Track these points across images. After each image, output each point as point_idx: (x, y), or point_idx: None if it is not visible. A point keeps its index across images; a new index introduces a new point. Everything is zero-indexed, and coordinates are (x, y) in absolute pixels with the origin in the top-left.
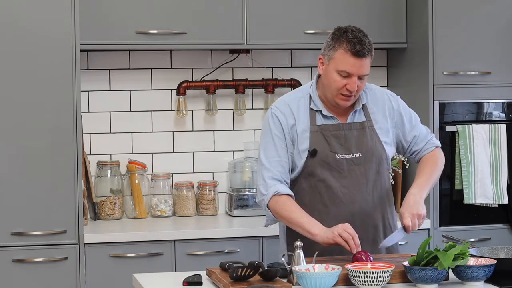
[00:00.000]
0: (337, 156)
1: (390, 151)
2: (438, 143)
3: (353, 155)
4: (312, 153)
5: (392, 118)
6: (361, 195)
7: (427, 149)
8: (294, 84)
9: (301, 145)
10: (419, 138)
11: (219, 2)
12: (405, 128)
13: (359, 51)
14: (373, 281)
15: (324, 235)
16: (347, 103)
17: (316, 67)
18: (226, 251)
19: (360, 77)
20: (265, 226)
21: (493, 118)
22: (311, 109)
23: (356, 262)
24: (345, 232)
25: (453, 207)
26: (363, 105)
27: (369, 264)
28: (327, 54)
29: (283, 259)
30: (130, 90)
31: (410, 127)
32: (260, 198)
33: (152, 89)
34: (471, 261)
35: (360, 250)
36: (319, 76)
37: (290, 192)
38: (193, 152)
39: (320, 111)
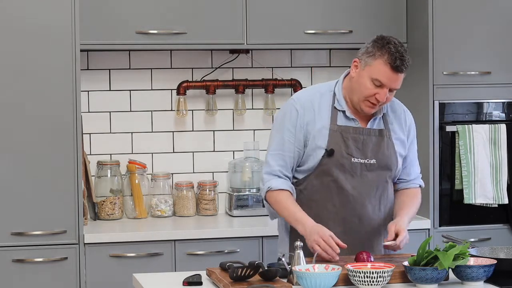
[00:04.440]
0: (352, 159)
1: (401, 163)
2: (423, 184)
3: (368, 161)
4: (329, 153)
5: (404, 132)
6: (369, 201)
7: (414, 184)
8: (294, 84)
9: (318, 141)
10: (412, 167)
11: (219, 2)
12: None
13: (398, 66)
14: (373, 281)
15: (309, 238)
16: (371, 111)
17: (316, 67)
18: (226, 251)
19: (390, 90)
20: (271, 219)
21: (493, 118)
22: (334, 107)
23: (357, 261)
24: (322, 241)
25: (453, 207)
26: (383, 114)
27: (369, 264)
28: (365, 60)
29: (283, 259)
30: (130, 90)
31: (411, 148)
32: (259, 193)
33: (152, 89)
34: (471, 261)
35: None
36: (345, 76)
37: (283, 187)
38: (193, 152)
39: (344, 111)
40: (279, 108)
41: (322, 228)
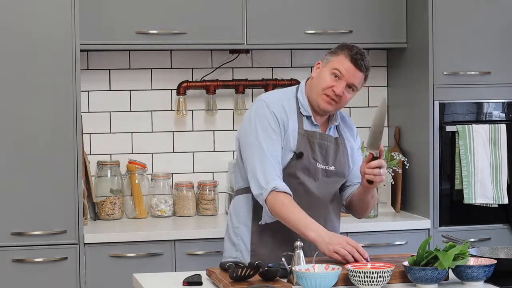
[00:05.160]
0: (317, 164)
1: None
2: None
3: (328, 167)
4: (298, 156)
5: (355, 140)
6: (330, 204)
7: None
8: (294, 84)
9: (288, 143)
10: (355, 176)
11: (219, 2)
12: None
13: (358, 60)
14: (373, 281)
15: (326, 246)
16: (329, 107)
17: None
18: None
19: (348, 87)
20: (260, 223)
21: (493, 118)
22: (300, 112)
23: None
24: (348, 245)
25: (453, 207)
26: (336, 125)
27: (369, 264)
28: (326, 58)
29: (283, 259)
30: (130, 90)
31: (359, 154)
32: (257, 191)
33: (152, 89)
34: (471, 261)
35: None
36: (306, 81)
37: (289, 191)
38: (193, 152)
39: (310, 117)
40: None
41: (338, 234)
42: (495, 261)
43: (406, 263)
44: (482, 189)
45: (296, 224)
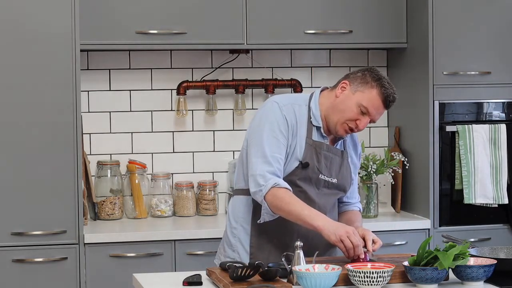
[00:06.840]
0: (320, 175)
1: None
2: (361, 209)
3: (331, 179)
4: (304, 166)
5: (357, 157)
6: (328, 214)
7: (356, 206)
8: (294, 84)
9: (295, 152)
10: (356, 191)
11: (219, 2)
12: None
13: (390, 102)
14: (373, 281)
15: (333, 232)
16: (345, 134)
17: (316, 67)
18: None
19: (370, 121)
20: (259, 221)
21: (493, 118)
22: (310, 122)
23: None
24: (354, 236)
25: (453, 207)
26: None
27: (369, 264)
28: (357, 85)
29: (283, 259)
30: (130, 90)
31: (356, 174)
32: (256, 189)
33: (152, 89)
34: (471, 261)
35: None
36: (321, 91)
37: (289, 187)
38: (193, 152)
39: (319, 128)
40: None
41: (345, 224)
42: (495, 261)
43: (406, 263)
44: (482, 189)
45: (299, 215)
